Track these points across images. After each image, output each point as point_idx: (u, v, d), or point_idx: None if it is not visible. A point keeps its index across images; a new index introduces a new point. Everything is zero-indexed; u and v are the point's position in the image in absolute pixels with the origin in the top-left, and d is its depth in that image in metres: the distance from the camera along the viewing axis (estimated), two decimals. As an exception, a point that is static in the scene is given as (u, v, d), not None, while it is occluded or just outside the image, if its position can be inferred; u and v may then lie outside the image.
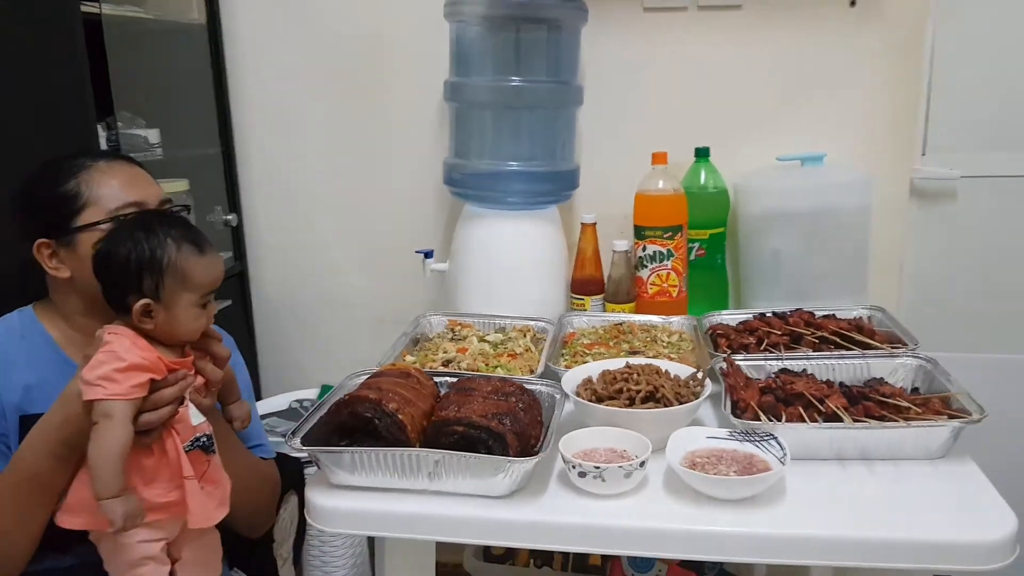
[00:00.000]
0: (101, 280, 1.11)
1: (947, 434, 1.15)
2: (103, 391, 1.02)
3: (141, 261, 1.08)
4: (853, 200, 1.76)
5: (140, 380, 1.04)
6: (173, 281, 1.09)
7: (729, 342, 1.54)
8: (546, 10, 1.69)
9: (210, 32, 1.99)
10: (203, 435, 1.14)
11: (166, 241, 1.09)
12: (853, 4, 1.79)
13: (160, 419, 1.07)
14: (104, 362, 1.04)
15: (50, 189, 1.22)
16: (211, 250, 1.14)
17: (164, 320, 1.09)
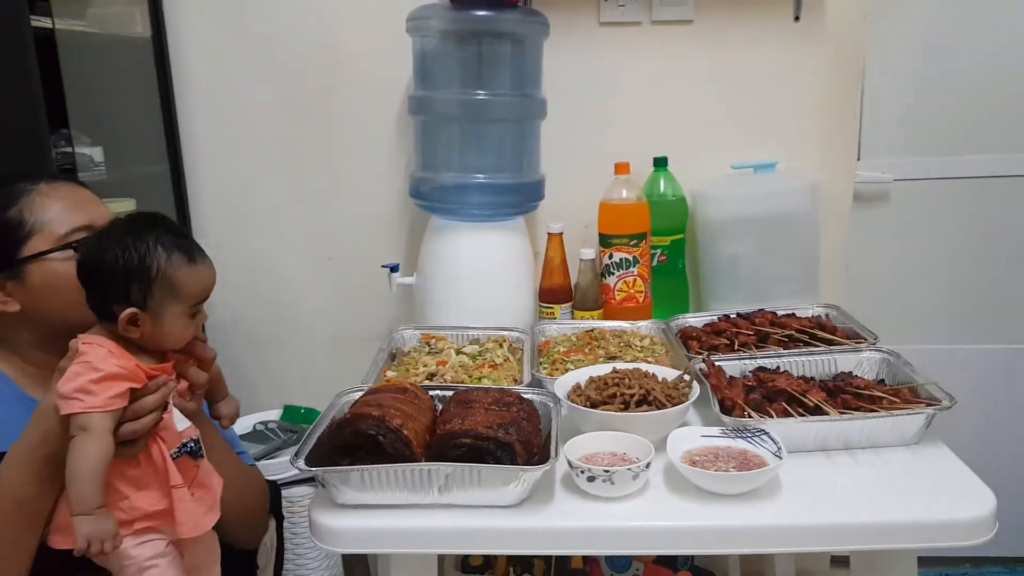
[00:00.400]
0: (85, 285, 1.06)
1: (922, 421, 1.23)
2: (80, 404, 0.97)
3: (129, 269, 1.03)
4: (804, 205, 1.84)
5: (118, 390, 1.00)
6: (162, 291, 1.04)
7: (700, 344, 1.60)
8: (508, 25, 1.72)
9: (155, 46, 1.93)
10: (190, 440, 1.10)
11: (156, 248, 1.04)
12: (797, 19, 1.88)
13: (144, 428, 1.03)
14: (79, 374, 0.99)
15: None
16: (202, 258, 1.10)
17: (151, 330, 1.05)
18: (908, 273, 2.14)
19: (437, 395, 1.33)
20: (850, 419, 1.22)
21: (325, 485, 1.13)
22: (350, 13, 1.96)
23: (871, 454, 1.22)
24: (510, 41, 1.75)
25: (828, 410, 1.24)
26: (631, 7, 1.91)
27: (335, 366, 2.14)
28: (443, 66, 1.76)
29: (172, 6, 1.95)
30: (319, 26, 1.97)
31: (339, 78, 2.00)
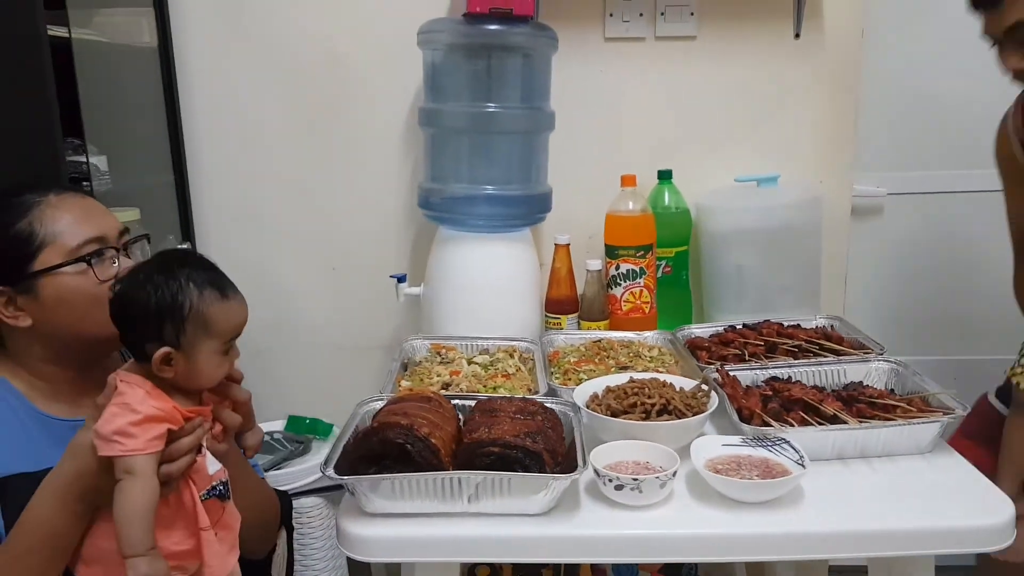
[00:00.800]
0: (118, 325, 1.05)
1: (937, 430, 1.26)
2: (121, 447, 0.96)
3: (161, 307, 1.02)
4: (806, 217, 1.88)
5: (157, 432, 0.99)
6: (195, 329, 1.03)
7: (709, 354, 1.62)
8: (518, 39, 1.74)
9: (161, 56, 1.92)
10: (219, 482, 1.10)
11: (187, 285, 1.03)
12: (797, 36, 1.93)
13: (180, 470, 1.02)
14: (118, 415, 0.98)
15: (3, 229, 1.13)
16: (234, 293, 1.09)
17: (185, 369, 1.04)
18: (902, 285, 2.19)
19: (457, 404, 1.34)
20: (868, 428, 1.25)
21: (355, 494, 1.13)
22: (358, 24, 1.97)
23: (887, 462, 1.25)
24: (520, 55, 1.77)
25: (847, 419, 1.27)
26: (636, 23, 1.94)
27: (338, 376, 2.14)
28: (453, 79, 1.77)
29: (179, 16, 1.95)
30: (326, 38, 1.98)
31: (346, 89, 2.00)
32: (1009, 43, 1.38)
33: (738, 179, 1.90)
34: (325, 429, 2.05)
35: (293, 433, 2.02)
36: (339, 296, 2.12)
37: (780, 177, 1.90)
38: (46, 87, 1.46)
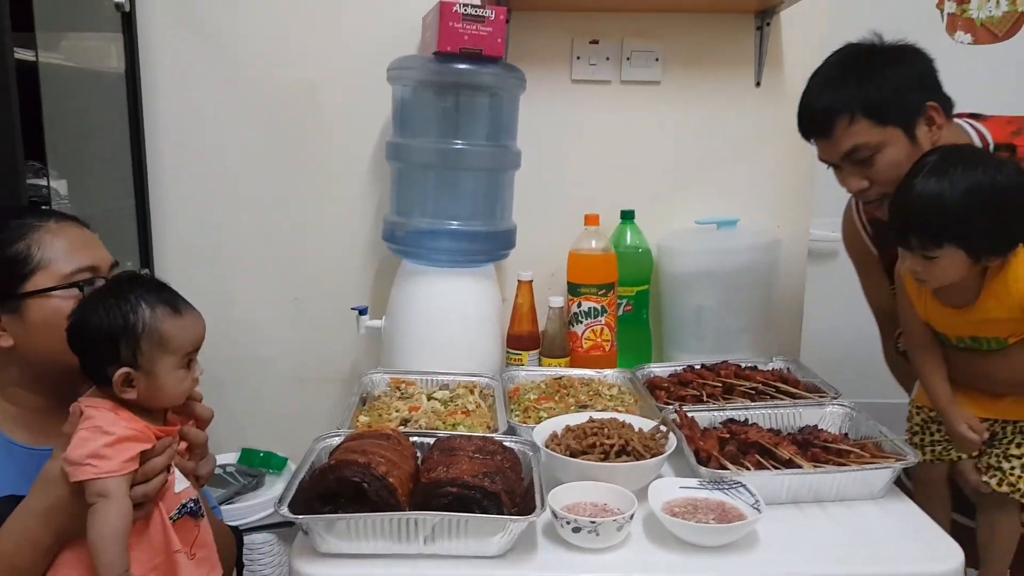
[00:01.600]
0: (76, 352, 1.05)
1: (889, 475, 1.28)
2: (93, 470, 0.96)
3: (115, 329, 1.02)
4: (764, 260, 1.92)
5: (132, 453, 0.99)
6: (151, 346, 1.04)
7: (668, 394, 1.64)
8: (487, 79, 1.76)
9: (128, 82, 1.91)
10: (189, 500, 1.09)
11: (139, 305, 1.04)
12: (758, 85, 1.99)
13: (154, 490, 1.02)
14: (89, 438, 0.98)
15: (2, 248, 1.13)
16: (187, 309, 1.09)
17: (147, 387, 1.04)
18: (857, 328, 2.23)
19: (416, 441, 1.33)
20: (823, 473, 1.27)
21: (309, 533, 1.11)
22: (328, 57, 1.98)
23: (841, 507, 1.27)
24: (488, 94, 1.79)
25: (801, 463, 1.29)
26: (602, 66, 1.98)
27: (295, 408, 2.11)
28: (422, 115, 1.79)
29: (147, 43, 1.94)
30: (295, 70, 1.98)
31: (315, 120, 2.00)
32: (847, 166, 1.44)
33: (698, 221, 1.94)
34: (279, 463, 2.02)
35: (246, 466, 1.99)
36: (299, 327, 2.10)
37: (739, 220, 1.94)
38: (10, 110, 1.44)
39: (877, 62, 1.40)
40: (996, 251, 1.30)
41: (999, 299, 1.33)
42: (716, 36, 1.98)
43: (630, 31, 1.97)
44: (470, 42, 1.66)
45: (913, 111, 1.38)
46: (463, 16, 1.64)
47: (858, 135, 1.38)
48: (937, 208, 1.26)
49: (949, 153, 1.32)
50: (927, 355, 1.45)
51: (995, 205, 1.25)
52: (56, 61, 1.67)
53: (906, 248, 1.32)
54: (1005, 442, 1.44)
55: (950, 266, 1.30)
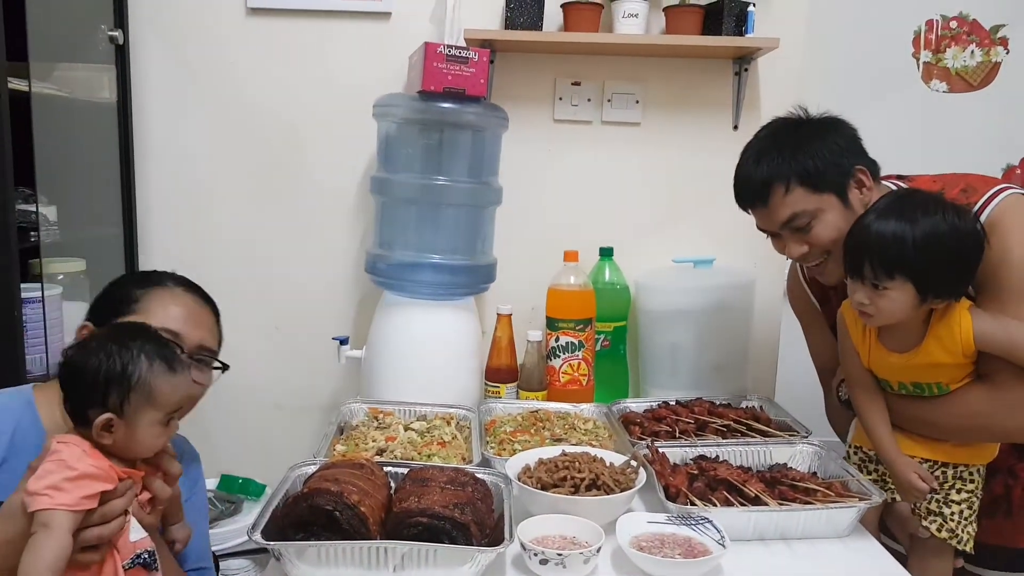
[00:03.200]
0: (64, 388, 1.06)
1: (854, 515, 1.31)
2: (48, 500, 0.95)
3: (111, 375, 1.03)
4: (739, 299, 1.96)
5: (91, 491, 0.99)
6: (139, 398, 1.05)
7: (642, 430, 1.66)
8: (471, 117, 1.81)
9: (120, 112, 1.95)
10: (144, 551, 1.08)
11: (139, 357, 1.05)
12: (736, 128, 2.04)
13: (111, 533, 1.01)
14: (52, 471, 0.98)
15: (122, 284, 1.29)
16: (182, 368, 1.11)
17: (124, 436, 1.04)
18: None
19: (391, 471, 1.35)
20: (788, 511, 1.29)
21: (280, 559, 1.13)
22: (315, 92, 2.04)
23: (806, 545, 1.29)
24: (471, 132, 1.84)
25: (767, 501, 1.31)
26: (583, 107, 2.04)
27: (275, 436, 2.13)
28: (406, 151, 1.84)
29: (139, 74, 1.99)
30: (284, 104, 2.04)
31: (301, 154, 2.05)
32: (786, 233, 1.47)
33: (676, 260, 1.98)
34: (257, 489, 2.03)
35: (225, 492, 1.99)
36: (281, 356, 2.12)
37: (716, 260, 1.98)
38: (1, 138, 1.48)
39: (806, 133, 1.45)
40: (945, 293, 1.32)
41: (942, 343, 1.35)
42: (695, 80, 2.04)
43: (612, 73, 2.03)
44: (454, 82, 1.71)
45: (844, 176, 1.42)
46: (447, 57, 1.69)
47: (795, 203, 1.42)
48: (897, 239, 1.28)
49: (908, 195, 1.36)
50: (871, 403, 1.45)
51: (953, 248, 1.28)
52: (49, 91, 1.71)
53: (857, 277, 1.34)
54: (946, 487, 1.42)
55: (898, 299, 1.31)
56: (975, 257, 1.31)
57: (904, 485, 1.39)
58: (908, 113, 2.45)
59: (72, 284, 1.79)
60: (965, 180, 1.45)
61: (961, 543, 1.39)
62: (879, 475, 1.48)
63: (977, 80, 2.81)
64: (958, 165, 2.15)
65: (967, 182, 1.44)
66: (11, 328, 1.55)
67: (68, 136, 1.84)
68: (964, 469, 1.42)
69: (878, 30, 2.33)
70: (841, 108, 2.27)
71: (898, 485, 1.41)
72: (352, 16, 2.01)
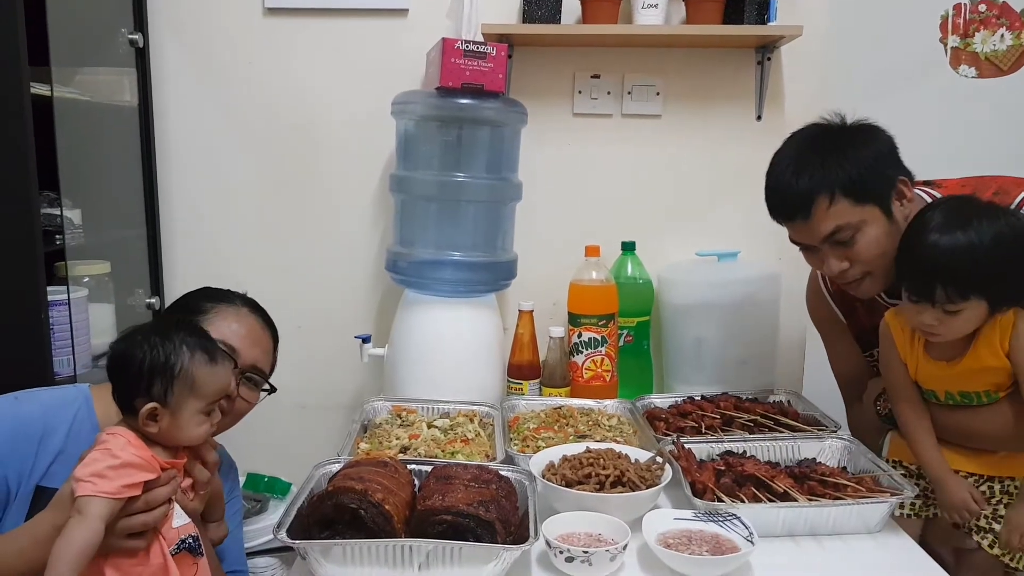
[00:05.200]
0: (112, 379, 1.09)
1: (885, 510, 1.28)
2: (91, 487, 0.98)
3: (155, 366, 1.07)
4: (765, 292, 1.93)
5: (133, 480, 1.01)
6: (182, 388, 1.08)
7: (667, 425, 1.64)
8: (489, 113, 1.80)
9: (141, 114, 1.96)
10: (189, 536, 1.10)
11: (181, 348, 1.09)
12: (759, 118, 2.01)
13: (155, 520, 1.04)
14: (98, 459, 1.01)
15: (195, 296, 1.37)
16: (222, 360, 1.15)
17: (168, 425, 1.08)
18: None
19: (414, 469, 1.35)
20: (818, 506, 1.27)
21: (306, 558, 1.13)
22: (334, 91, 2.04)
23: (837, 541, 1.27)
24: (489, 128, 1.83)
25: (796, 496, 1.29)
26: (603, 101, 2.02)
27: (299, 434, 2.13)
28: (425, 148, 1.83)
29: (160, 76, 2.00)
30: (303, 103, 2.04)
31: (320, 153, 2.05)
32: (826, 248, 1.40)
33: (699, 253, 1.96)
34: (283, 488, 2.03)
35: (251, 491, 2.00)
36: (303, 355, 2.12)
37: (740, 253, 1.95)
38: (25, 142, 1.50)
39: (847, 141, 1.39)
40: (1015, 300, 1.28)
41: (992, 345, 1.31)
42: (717, 70, 2.02)
43: (631, 66, 2.01)
44: (472, 77, 1.69)
45: (888, 187, 1.37)
46: (465, 52, 1.68)
47: (839, 216, 1.36)
48: (969, 259, 1.23)
49: (960, 205, 1.30)
50: (918, 419, 1.41)
51: (1020, 253, 1.24)
52: (71, 95, 1.72)
53: (927, 302, 1.28)
54: (994, 501, 1.39)
55: (971, 318, 1.28)
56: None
57: (957, 505, 1.35)
58: (936, 100, 2.40)
59: (97, 286, 1.81)
60: (996, 183, 1.40)
61: (1015, 560, 1.35)
62: (921, 490, 1.44)
63: (1008, 64, 2.75)
64: (988, 153, 2.11)
65: (999, 184, 1.39)
66: (38, 330, 1.56)
67: (91, 139, 1.86)
68: (1011, 483, 1.38)
69: (903, 15, 2.28)
70: (867, 96, 2.24)
71: (948, 505, 1.36)
72: (369, 14, 2.00)
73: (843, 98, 2.18)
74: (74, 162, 1.76)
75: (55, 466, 1.15)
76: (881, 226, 1.37)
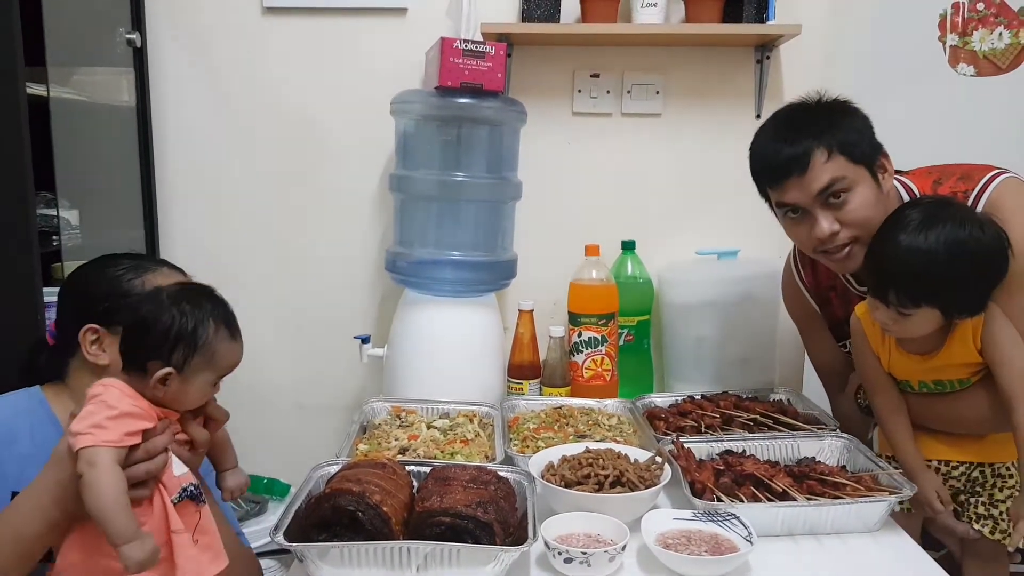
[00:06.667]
0: (130, 336, 1.08)
1: (884, 509, 1.28)
2: (92, 438, 0.98)
3: (181, 333, 1.06)
4: (764, 291, 1.92)
5: (133, 428, 1.01)
6: (202, 359, 1.08)
7: (667, 425, 1.64)
8: (488, 112, 1.79)
9: (139, 114, 1.96)
10: (190, 484, 1.09)
11: (208, 320, 1.09)
12: (758, 117, 2.01)
13: (157, 468, 1.04)
14: (94, 411, 1.01)
15: (116, 279, 1.25)
16: (239, 336, 1.15)
17: (176, 390, 1.07)
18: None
19: (413, 470, 1.34)
20: (816, 505, 1.27)
21: (303, 560, 1.13)
22: (333, 91, 2.03)
23: (836, 540, 1.27)
24: (489, 127, 1.82)
25: (795, 496, 1.28)
26: (603, 99, 2.02)
27: (299, 435, 2.13)
28: (424, 147, 1.83)
29: (158, 76, 2.00)
30: (301, 103, 2.04)
31: (319, 153, 2.05)
32: (818, 209, 1.38)
33: (699, 252, 1.95)
34: (282, 489, 2.03)
35: (250, 492, 2.00)
36: (303, 355, 2.13)
37: (740, 251, 1.95)
38: (21, 143, 1.49)
39: (835, 110, 1.41)
40: (969, 311, 1.31)
41: (964, 344, 1.33)
42: (716, 69, 2.01)
43: (631, 64, 2.01)
44: (470, 77, 1.69)
45: (875, 154, 1.39)
46: (463, 52, 1.67)
47: (835, 169, 1.35)
48: (922, 268, 1.26)
49: (936, 208, 1.31)
50: (893, 412, 1.44)
51: (977, 267, 1.26)
52: (68, 95, 1.72)
53: (882, 301, 1.32)
54: (988, 486, 1.41)
55: (923, 323, 1.31)
56: (1001, 273, 1.28)
57: (922, 501, 1.38)
58: (935, 98, 2.39)
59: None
60: (961, 169, 1.42)
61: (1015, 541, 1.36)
62: None
63: (1006, 63, 2.74)
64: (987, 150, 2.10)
65: (963, 170, 1.41)
66: (35, 332, 1.56)
67: (88, 140, 1.86)
68: (1001, 466, 1.40)
69: (902, 14, 2.28)
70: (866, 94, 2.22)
71: (915, 500, 1.38)
72: (368, 13, 2.00)
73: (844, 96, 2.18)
74: (71, 163, 1.76)
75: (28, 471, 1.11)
76: (871, 189, 1.38)
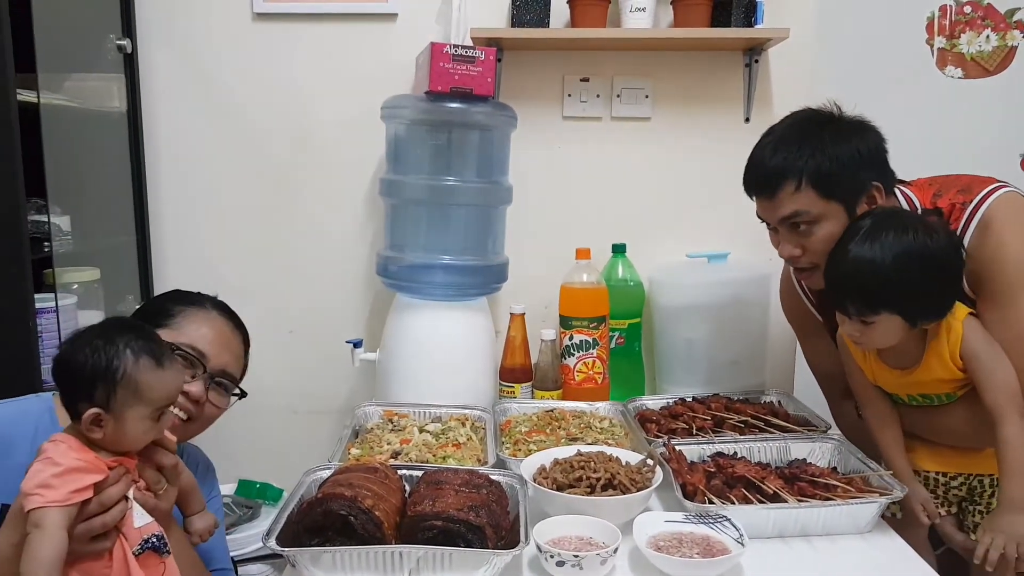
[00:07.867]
0: (57, 383, 1.06)
1: (875, 510, 1.29)
2: (40, 499, 0.96)
3: (96, 370, 1.03)
4: (755, 294, 1.93)
5: (80, 484, 0.99)
6: (126, 393, 1.04)
7: (658, 427, 1.65)
8: (479, 117, 1.80)
9: (130, 121, 1.96)
10: (152, 535, 1.07)
11: (124, 352, 1.05)
12: (747, 120, 2.02)
13: (113, 520, 1.02)
14: (40, 470, 0.99)
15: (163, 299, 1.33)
16: (170, 363, 1.10)
17: (113, 430, 1.04)
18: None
19: (405, 474, 1.34)
20: (808, 507, 1.28)
21: (295, 565, 1.13)
22: (323, 96, 2.04)
23: (827, 541, 1.28)
24: (479, 131, 1.83)
25: (786, 497, 1.29)
26: (593, 103, 2.02)
27: (291, 440, 2.13)
28: (415, 152, 1.83)
29: (149, 82, 2.00)
30: (292, 108, 2.04)
31: (310, 158, 2.05)
32: (783, 231, 1.43)
33: (689, 255, 1.96)
34: (275, 494, 2.03)
35: (243, 497, 1.99)
36: (295, 360, 2.13)
37: (730, 254, 1.96)
38: (12, 149, 1.49)
39: (832, 133, 1.39)
40: (931, 315, 1.32)
41: (941, 358, 1.34)
42: (705, 73, 2.02)
43: (620, 69, 2.01)
44: (460, 82, 1.70)
45: (859, 190, 1.38)
46: (453, 57, 1.68)
47: (801, 203, 1.37)
48: (871, 275, 1.27)
49: (882, 218, 1.32)
50: (883, 426, 1.45)
51: (928, 270, 1.27)
52: (59, 101, 1.71)
53: (844, 314, 1.33)
54: (987, 496, 1.43)
55: (888, 330, 1.32)
56: (955, 271, 1.30)
57: (908, 510, 1.40)
58: (924, 100, 2.41)
59: (87, 293, 1.80)
60: (961, 181, 1.42)
61: None
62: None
63: (993, 65, 2.76)
64: (975, 153, 2.12)
65: (963, 182, 1.41)
66: (26, 338, 1.56)
67: (79, 146, 1.86)
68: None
69: (890, 16, 2.30)
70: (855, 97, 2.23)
71: (904, 505, 1.40)
72: (358, 18, 2.00)
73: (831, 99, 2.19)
74: (63, 169, 1.75)
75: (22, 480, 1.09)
76: (840, 225, 1.38)
